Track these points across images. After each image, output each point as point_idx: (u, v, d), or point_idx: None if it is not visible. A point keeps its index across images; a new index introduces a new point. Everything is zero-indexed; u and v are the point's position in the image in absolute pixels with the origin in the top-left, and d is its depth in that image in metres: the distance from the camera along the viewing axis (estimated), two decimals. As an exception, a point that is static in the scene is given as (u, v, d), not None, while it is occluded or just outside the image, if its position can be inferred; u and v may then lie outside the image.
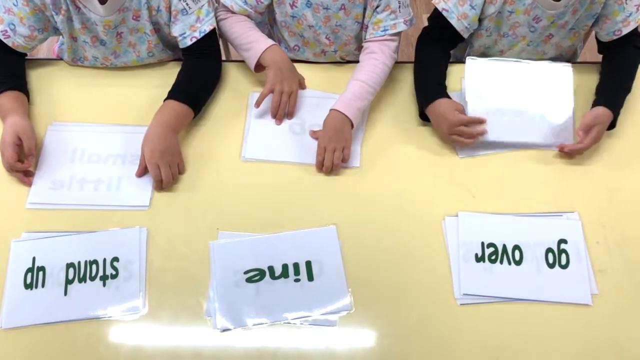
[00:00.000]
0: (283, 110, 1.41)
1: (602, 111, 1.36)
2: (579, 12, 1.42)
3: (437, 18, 1.45)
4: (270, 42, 1.42)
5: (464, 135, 1.35)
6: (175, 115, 1.34)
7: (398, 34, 1.46)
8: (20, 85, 1.39)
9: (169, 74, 1.43)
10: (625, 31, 1.42)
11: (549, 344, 1.13)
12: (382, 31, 1.43)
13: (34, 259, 1.19)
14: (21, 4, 1.32)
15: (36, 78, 1.46)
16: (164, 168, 1.27)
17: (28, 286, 1.16)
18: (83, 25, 1.37)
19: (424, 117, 1.42)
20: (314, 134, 1.38)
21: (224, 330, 1.12)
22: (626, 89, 1.44)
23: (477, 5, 1.40)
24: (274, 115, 1.41)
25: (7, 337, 1.11)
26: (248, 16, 1.46)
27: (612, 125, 1.39)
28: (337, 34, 1.47)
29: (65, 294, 1.15)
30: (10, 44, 1.36)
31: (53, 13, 1.34)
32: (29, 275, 1.17)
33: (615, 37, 1.44)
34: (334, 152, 1.32)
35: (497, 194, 1.31)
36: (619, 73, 1.47)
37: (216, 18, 1.46)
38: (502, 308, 1.16)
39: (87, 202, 1.27)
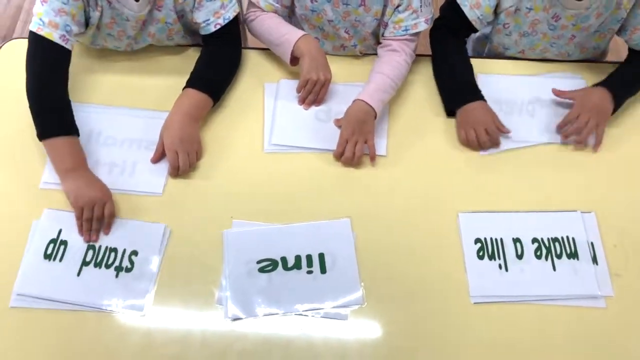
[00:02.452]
0: (313, 97, 1.39)
1: (594, 87, 1.38)
2: (604, 15, 1.38)
3: (450, 7, 1.43)
4: (302, 32, 1.40)
5: (486, 140, 1.34)
6: (195, 104, 1.33)
7: (418, 33, 1.44)
8: (72, 122, 1.27)
9: (189, 60, 1.42)
10: None
11: (562, 346, 1.12)
12: (403, 31, 1.42)
13: (60, 231, 1.19)
14: (71, 0, 1.26)
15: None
16: (182, 155, 1.26)
17: (47, 256, 1.16)
18: (112, 20, 1.35)
19: (450, 114, 1.41)
20: (338, 122, 1.37)
21: (235, 319, 1.12)
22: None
23: None
24: (302, 102, 1.40)
25: (19, 316, 1.11)
26: (275, 12, 1.45)
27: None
28: (357, 28, 1.45)
29: (78, 274, 1.16)
30: (69, 48, 1.28)
31: (90, 9, 1.31)
32: (51, 246, 1.18)
33: None
34: (355, 144, 1.31)
35: (514, 191, 1.30)
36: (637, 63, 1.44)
37: (246, 20, 1.46)
38: (515, 308, 1.15)
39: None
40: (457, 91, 1.41)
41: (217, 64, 1.40)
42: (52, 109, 1.26)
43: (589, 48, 1.51)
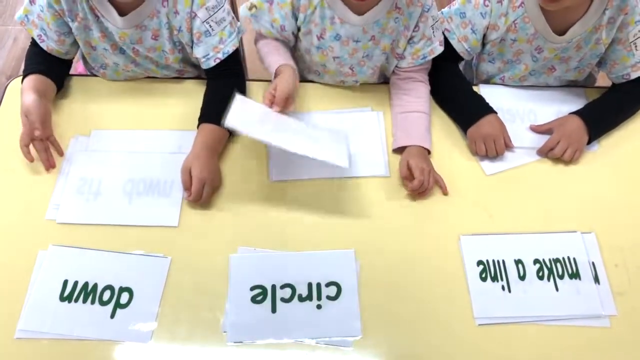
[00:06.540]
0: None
1: (570, 117, 1.43)
2: (583, 49, 1.43)
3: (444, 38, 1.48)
4: (282, 61, 1.37)
5: (495, 154, 1.39)
6: (217, 139, 1.35)
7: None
8: (50, 73, 1.41)
9: (195, 93, 1.45)
10: (634, 75, 1.44)
11: (567, 366, 1.12)
12: (422, 59, 1.45)
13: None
14: (45, 9, 1.35)
15: (65, 92, 1.49)
16: (208, 188, 1.27)
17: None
18: (102, 34, 1.39)
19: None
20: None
21: (237, 343, 1.12)
22: (617, 109, 1.48)
23: (478, 30, 1.44)
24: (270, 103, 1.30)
25: (23, 346, 1.11)
26: (277, 38, 1.45)
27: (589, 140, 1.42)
28: (362, 67, 1.48)
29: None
30: (45, 48, 1.40)
31: (69, 20, 1.36)
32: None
33: (624, 80, 1.46)
34: (429, 173, 1.32)
35: (514, 213, 1.31)
36: (615, 96, 1.49)
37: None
38: (520, 329, 1.15)
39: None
40: (469, 111, 1.45)
41: (225, 98, 1.35)
42: (33, 60, 1.43)
43: (566, 80, 1.56)
